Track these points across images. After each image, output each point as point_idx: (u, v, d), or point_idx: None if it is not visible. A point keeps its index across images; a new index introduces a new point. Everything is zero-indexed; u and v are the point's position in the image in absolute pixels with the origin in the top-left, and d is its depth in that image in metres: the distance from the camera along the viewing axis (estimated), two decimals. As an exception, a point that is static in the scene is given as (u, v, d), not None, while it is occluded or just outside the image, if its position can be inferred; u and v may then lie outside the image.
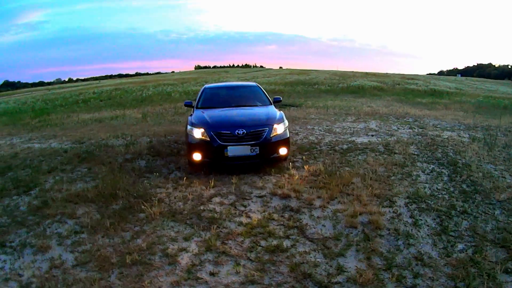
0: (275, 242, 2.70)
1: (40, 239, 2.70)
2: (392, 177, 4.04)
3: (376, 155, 4.91)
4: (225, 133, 4.27)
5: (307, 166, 4.42)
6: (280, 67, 60.77)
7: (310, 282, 2.27)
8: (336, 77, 24.03)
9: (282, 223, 3.05)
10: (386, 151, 5.13)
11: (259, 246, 2.66)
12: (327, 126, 7.16)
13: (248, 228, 2.94)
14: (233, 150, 4.24)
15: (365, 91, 17.22)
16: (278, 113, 4.86)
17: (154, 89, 18.61)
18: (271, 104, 5.31)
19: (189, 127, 4.52)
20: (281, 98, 5.79)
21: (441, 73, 74.73)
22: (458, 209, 3.23)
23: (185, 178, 4.10)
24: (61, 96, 18.48)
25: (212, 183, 3.95)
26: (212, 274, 2.33)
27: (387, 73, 32.47)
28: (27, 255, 2.52)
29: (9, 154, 5.25)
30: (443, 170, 4.30)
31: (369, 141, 5.77)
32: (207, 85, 6.08)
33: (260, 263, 2.44)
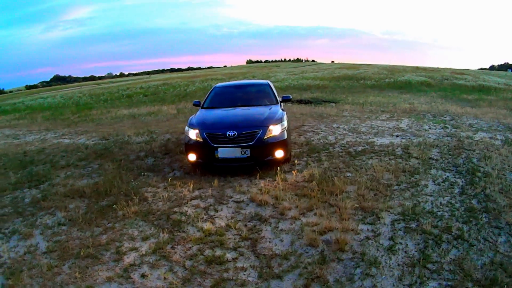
0: (219, 253, 2.89)
1: (28, 228, 3.45)
2: (395, 187, 3.80)
3: (389, 159, 4.70)
4: (216, 134, 4.57)
5: (295, 171, 4.43)
6: (332, 61, 67.99)
7: (226, 302, 2.39)
8: (384, 71, 25.38)
9: (240, 233, 3.21)
10: (403, 154, 4.91)
11: (202, 255, 2.90)
12: (354, 125, 7.09)
13: (204, 234, 3.20)
14: (223, 152, 4.52)
15: (411, 86, 18.06)
16: (278, 113, 4.97)
17: (200, 84, 20.24)
18: (277, 104, 5.47)
19: (186, 127, 4.97)
20: (291, 97, 5.93)
21: (492, 67, 72.16)
22: (453, 233, 2.89)
23: (170, 179, 4.56)
24: (108, 91, 21.51)
25: (199, 184, 4.33)
26: (143, 276, 2.66)
27: (438, 68, 33.66)
28: (13, 241, 3.26)
29: (37, 149, 6.53)
30: (458, 180, 3.92)
31: (390, 142, 5.58)
32: (217, 84, 6.53)
33: (190, 273, 2.67)
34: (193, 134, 4.75)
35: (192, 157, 4.76)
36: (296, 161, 4.95)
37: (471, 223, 3.05)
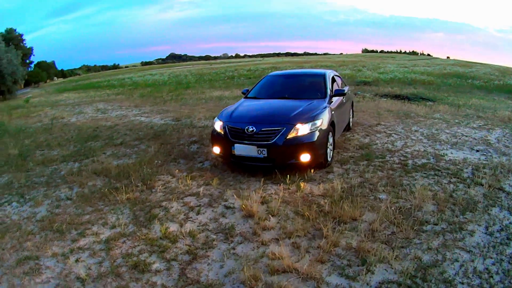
0: (151, 260, 2.90)
1: (43, 197, 4.31)
2: (427, 226, 3.01)
3: (448, 182, 3.94)
4: (236, 128, 4.59)
5: (303, 183, 3.87)
6: (448, 57, 72.97)
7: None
8: (496, 72, 26.56)
9: (192, 244, 3.12)
10: (469, 178, 4.06)
11: (136, 256, 2.98)
12: (436, 130, 6.55)
13: (160, 236, 3.27)
14: (239, 149, 4.48)
15: (523, 91, 17.32)
16: (316, 110, 4.67)
17: (307, 70, 21.15)
18: (324, 98, 5.15)
19: (216, 118, 5.11)
20: (345, 91, 5.61)
21: None
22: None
23: (191, 170, 4.84)
24: (214, 71, 24.14)
25: (211, 180, 4.48)
26: (77, 260, 2.96)
27: (556, 72, 30.94)
28: (25, 206, 4.15)
29: (109, 125, 7.88)
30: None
31: (464, 158, 4.81)
32: (271, 73, 6.64)
33: (109, 271, 2.79)
34: (218, 125, 4.89)
35: (216, 149, 4.90)
36: (346, 170, 4.42)
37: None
